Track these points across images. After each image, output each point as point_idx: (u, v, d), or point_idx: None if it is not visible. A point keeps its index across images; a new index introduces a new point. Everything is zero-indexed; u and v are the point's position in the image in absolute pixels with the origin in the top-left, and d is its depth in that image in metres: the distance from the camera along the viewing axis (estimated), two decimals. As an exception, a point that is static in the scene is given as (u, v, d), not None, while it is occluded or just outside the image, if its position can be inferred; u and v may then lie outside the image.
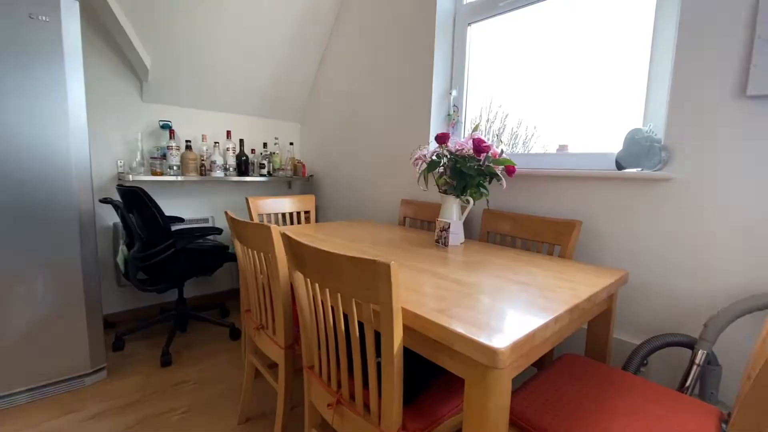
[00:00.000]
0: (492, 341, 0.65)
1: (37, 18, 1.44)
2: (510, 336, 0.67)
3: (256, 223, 1.12)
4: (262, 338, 1.30)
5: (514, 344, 0.66)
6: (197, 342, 2.13)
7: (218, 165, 2.38)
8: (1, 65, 1.39)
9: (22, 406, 1.55)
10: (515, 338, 0.67)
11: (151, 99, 2.32)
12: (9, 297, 1.48)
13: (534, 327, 0.72)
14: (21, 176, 1.46)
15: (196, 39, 2.19)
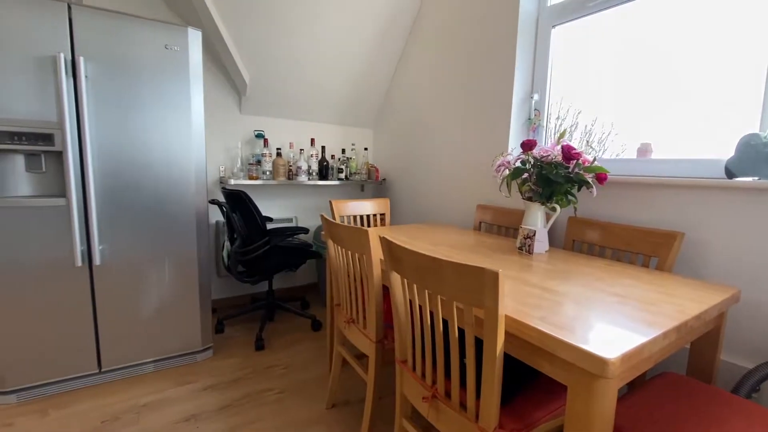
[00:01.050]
0: (601, 351, 0.67)
1: (171, 48, 1.71)
2: (620, 347, 0.68)
3: (353, 226, 1.23)
4: (352, 331, 1.42)
5: (624, 355, 0.67)
6: (283, 330, 2.35)
7: (303, 170, 2.59)
8: (144, 86, 1.67)
9: (148, 374, 1.84)
10: (625, 350, 0.68)
11: (248, 111, 2.60)
12: (144, 282, 1.78)
13: (644, 340, 0.72)
14: (156, 180, 1.74)
15: (286, 56, 2.41)
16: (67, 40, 1.51)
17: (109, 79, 1.60)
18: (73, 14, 1.51)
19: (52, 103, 1.51)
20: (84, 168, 1.58)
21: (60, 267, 1.59)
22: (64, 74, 1.49)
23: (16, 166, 1.56)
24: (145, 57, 1.66)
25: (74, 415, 1.53)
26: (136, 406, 1.59)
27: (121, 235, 1.70)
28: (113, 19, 1.58)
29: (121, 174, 1.67)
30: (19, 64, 1.45)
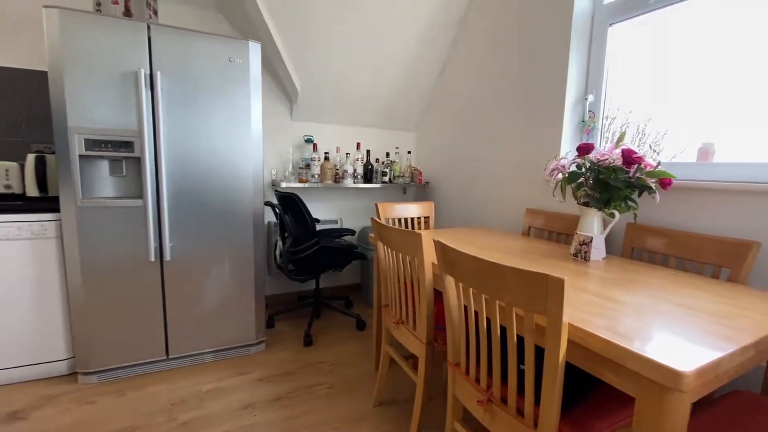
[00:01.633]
0: (675, 363, 0.65)
1: (234, 60, 1.83)
2: (695, 360, 0.66)
3: (405, 230, 1.26)
4: (401, 332, 1.45)
5: (700, 369, 0.64)
6: (329, 328, 2.43)
7: (349, 173, 2.66)
8: (209, 97, 1.81)
9: (208, 363, 1.98)
10: (702, 363, 0.65)
11: (298, 117, 2.72)
12: (206, 277, 1.91)
13: (721, 355, 0.69)
14: (218, 183, 1.88)
15: (334, 64, 2.49)
16: (146, 56, 1.67)
17: (180, 90, 1.75)
18: (152, 33, 1.67)
19: (133, 113, 1.68)
20: (158, 172, 1.73)
21: (136, 261, 1.76)
22: (144, 87, 1.66)
23: (102, 170, 1.74)
24: (211, 69, 1.79)
25: (147, 396, 1.68)
26: (200, 392, 1.72)
27: (187, 233, 1.84)
28: (185, 36, 1.73)
29: (189, 178, 1.81)
30: (107, 80, 1.62)
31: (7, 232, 1.64)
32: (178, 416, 1.55)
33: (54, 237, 1.71)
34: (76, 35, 1.56)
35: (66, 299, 1.77)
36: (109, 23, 1.61)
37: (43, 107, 2.12)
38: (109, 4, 1.74)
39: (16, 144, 2.09)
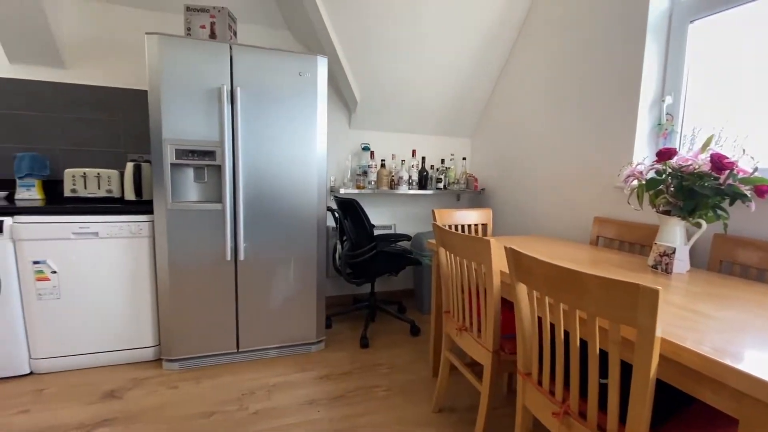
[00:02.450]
0: (792, 386, 0.60)
1: (304, 75, 1.96)
2: (817, 385, 0.60)
3: (472, 236, 1.27)
4: (464, 339, 1.44)
5: (824, 395, 0.59)
6: (383, 332, 2.47)
7: (404, 180, 2.71)
8: (280, 109, 1.94)
9: (271, 359, 2.10)
10: (826, 388, 0.60)
11: (356, 126, 2.82)
12: (274, 277, 2.04)
13: None
14: (287, 189, 2.00)
15: (393, 74, 2.56)
16: (228, 73, 1.84)
17: (255, 104, 1.90)
18: (233, 52, 1.84)
19: (215, 126, 1.85)
20: (235, 179, 1.89)
21: (214, 260, 1.92)
22: (225, 102, 1.82)
23: (187, 177, 1.93)
24: (283, 83, 1.93)
25: (220, 386, 1.82)
26: (267, 385, 1.83)
27: (259, 235, 1.98)
28: (261, 53, 1.88)
29: (261, 184, 1.95)
30: (194, 95, 1.81)
31: (111, 231, 1.87)
32: (249, 406, 1.66)
33: (147, 236, 1.92)
34: (171, 57, 1.76)
35: (155, 292, 1.97)
36: (198, 45, 1.79)
37: (139, 121, 2.39)
38: (197, 28, 1.94)
39: (115, 154, 2.38)
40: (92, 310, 1.89)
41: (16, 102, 2.19)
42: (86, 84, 2.29)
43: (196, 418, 1.57)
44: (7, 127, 2.18)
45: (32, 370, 1.87)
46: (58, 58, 2.19)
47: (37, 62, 2.19)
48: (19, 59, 2.16)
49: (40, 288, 1.81)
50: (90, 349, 1.92)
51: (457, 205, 3.16)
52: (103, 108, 2.34)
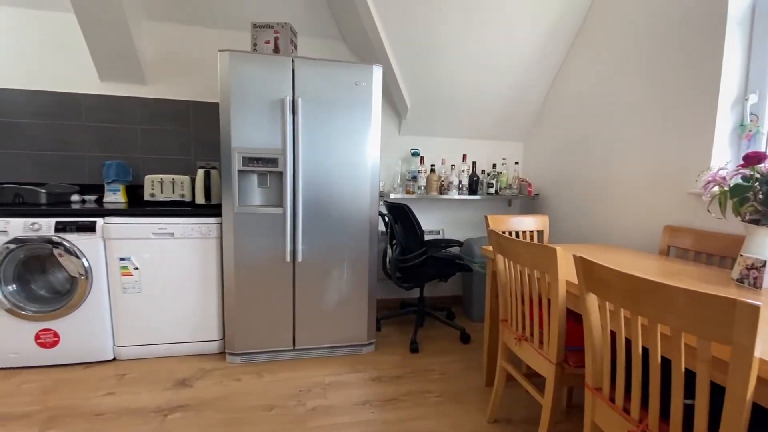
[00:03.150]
0: None
1: (360, 84, 2.02)
2: None
3: (536, 243, 1.24)
4: (524, 349, 1.41)
5: None
6: (433, 337, 2.46)
7: (454, 185, 2.69)
8: (336, 117, 2.01)
9: (325, 358, 2.17)
10: None
11: (406, 132, 2.85)
12: (328, 278, 2.11)
13: None
14: (342, 194, 2.07)
15: (445, 80, 2.56)
16: (290, 85, 1.95)
17: (314, 113, 1.99)
18: (295, 65, 1.94)
19: (278, 134, 1.96)
20: (295, 184, 1.99)
21: (274, 261, 2.03)
22: (288, 112, 1.93)
23: (252, 183, 2.06)
24: (340, 92, 2.00)
25: (279, 380, 1.91)
26: (322, 383, 1.90)
27: (315, 238, 2.06)
28: (320, 65, 1.97)
29: (318, 189, 2.04)
30: (259, 106, 1.93)
31: (184, 232, 2.04)
32: (306, 402, 1.73)
33: (215, 237, 2.07)
34: (239, 72, 1.89)
35: (221, 289, 2.12)
36: (263, 60, 1.92)
37: (206, 131, 2.59)
38: (262, 44, 2.07)
39: (186, 161, 2.59)
40: (167, 304, 2.07)
41: (105, 116, 2.46)
42: (163, 98, 2.53)
43: (258, 410, 1.67)
44: (98, 138, 2.46)
45: (115, 357, 2.08)
46: (141, 75, 2.44)
47: (123, 80, 2.45)
48: (108, 78, 2.43)
49: (124, 282, 2.01)
50: (163, 339, 2.10)
51: (508, 211, 3.09)
52: (177, 119, 2.56)
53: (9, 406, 1.66)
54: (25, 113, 2.36)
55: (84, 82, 2.42)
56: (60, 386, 1.81)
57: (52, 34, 2.35)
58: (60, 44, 2.36)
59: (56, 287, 2.06)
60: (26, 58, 2.34)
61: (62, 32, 2.35)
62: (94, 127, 2.45)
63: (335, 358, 2.16)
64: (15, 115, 2.35)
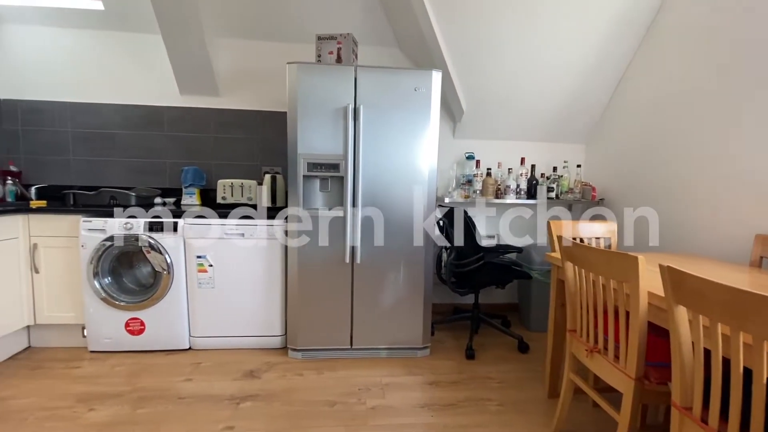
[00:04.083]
0: None
1: (419, 90, 2.05)
2: None
3: (615, 252, 1.18)
4: (597, 362, 1.35)
5: None
6: (488, 345, 2.41)
7: (511, 189, 2.63)
8: (395, 123, 2.05)
9: (381, 359, 2.20)
10: None
11: (461, 135, 2.83)
12: (385, 280, 2.15)
13: None
14: (399, 197, 2.10)
15: (503, 83, 2.52)
16: (352, 93, 2.02)
17: (375, 119, 2.04)
18: (358, 73, 2.01)
19: (340, 141, 2.04)
20: (355, 189, 2.06)
21: (334, 262, 2.11)
22: (351, 119, 2.00)
23: (314, 187, 2.16)
24: (399, 98, 2.04)
25: (339, 378, 1.98)
26: (380, 383, 1.93)
27: (373, 241, 2.11)
28: (381, 72, 2.02)
29: (377, 193, 2.09)
30: (323, 114, 2.02)
31: (253, 233, 2.18)
32: (366, 401, 1.78)
33: (280, 238, 2.19)
34: (305, 82, 2.00)
35: (284, 288, 2.24)
36: (327, 70, 2.01)
37: (270, 138, 2.76)
38: (326, 55, 2.17)
39: (252, 167, 2.77)
40: (236, 299, 2.22)
41: (183, 126, 2.70)
42: (233, 108, 2.73)
43: (321, 405, 1.74)
44: (177, 146, 2.71)
45: (191, 346, 2.26)
46: (215, 88, 2.65)
47: (199, 93, 2.67)
48: (187, 91, 2.66)
49: (200, 278, 2.19)
50: (232, 332, 2.25)
51: (568, 216, 2.95)
52: (244, 128, 2.75)
53: (105, 385, 1.87)
54: (117, 125, 2.66)
55: (166, 96, 2.67)
56: (146, 370, 2.01)
57: (140, 53, 2.63)
58: (147, 63, 2.63)
59: (141, 281, 2.29)
60: (119, 76, 2.63)
61: (149, 52, 2.63)
62: (174, 136, 2.70)
63: (391, 359, 2.20)
64: (109, 127, 2.66)
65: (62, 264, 2.16)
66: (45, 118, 2.61)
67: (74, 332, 2.25)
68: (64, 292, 2.18)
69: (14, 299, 2.08)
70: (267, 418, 1.63)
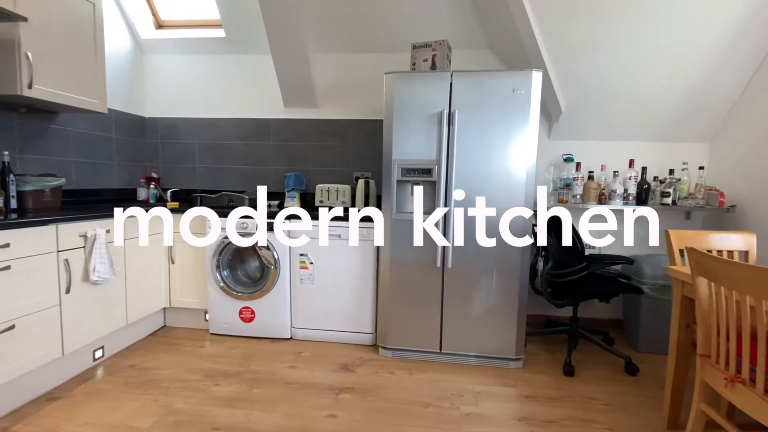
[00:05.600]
0: None
1: (517, 92, 1.99)
2: None
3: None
4: (740, 394, 1.17)
5: None
6: (589, 363, 2.23)
7: (618, 193, 2.40)
8: (491, 126, 2.02)
9: (470, 366, 2.17)
10: None
11: (557, 136, 2.67)
12: (477, 286, 2.12)
13: None
14: (494, 201, 2.06)
15: (609, 78, 2.32)
16: (447, 98, 2.04)
17: (469, 124, 2.03)
18: (453, 79, 2.03)
19: (433, 146, 2.07)
20: (448, 193, 2.07)
21: (425, 265, 2.14)
22: (445, 124, 2.02)
23: (407, 191, 2.22)
24: (496, 101, 2.01)
25: (429, 380, 2.00)
26: (472, 390, 1.91)
27: (465, 245, 2.10)
28: (477, 76, 2.01)
29: (470, 197, 2.07)
30: (416, 121, 2.07)
31: (348, 234, 2.31)
32: (460, 407, 1.77)
33: (373, 240, 2.29)
34: (401, 90, 2.07)
35: (375, 287, 2.33)
36: (422, 77, 2.05)
37: (362, 145, 2.90)
38: (420, 62, 2.23)
39: (344, 172, 2.94)
40: (332, 295, 2.38)
41: (286, 135, 2.98)
42: (328, 118, 2.93)
43: (415, 405, 1.77)
44: (282, 154, 2.99)
45: (291, 336, 2.48)
46: (314, 100, 2.87)
47: (301, 105, 2.92)
48: (290, 104, 2.93)
49: (302, 274, 2.39)
50: (327, 326, 2.41)
51: (685, 225, 2.60)
52: (338, 135, 2.93)
53: (225, 365, 2.13)
54: (233, 136, 3.03)
55: (272, 109, 2.97)
56: (256, 354, 2.25)
57: (253, 72, 2.97)
58: (258, 80, 2.96)
59: (250, 274, 2.57)
60: (235, 93, 3.00)
61: (259, 70, 2.95)
62: (278, 145, 2.99)
63: (481, 367, 2.15)
64: (227, 138, 3.04)
65: (191, 256, 2.53)
66: (178, 132, 3.09)
67: (198, 316, 2.61)
68: (192, 281, 2.54)
69: (158, 285, 2.49)
70: (365, 412, 1.71)
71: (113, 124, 2.79)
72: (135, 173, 3.00)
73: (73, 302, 1.86)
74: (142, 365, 2.09)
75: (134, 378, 1.96)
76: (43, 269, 1.71)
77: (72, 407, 1.70)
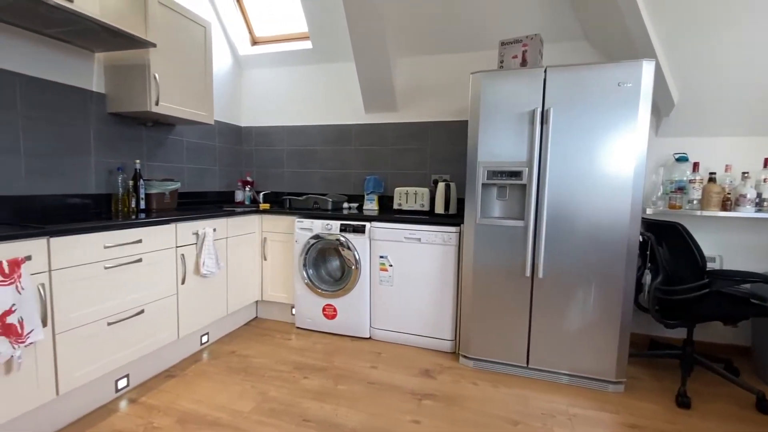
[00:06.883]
0: None
1: (623, 85, 1.79)
2: None
3: None
4: None
5: None
6: (707, 395, 1.92)
7: (747, 198, 2.04)
8: (592, 124, 1.84)
9: (561, 384, 2.00)
10: None
11: (666, 133, 2.35)
12: (571, 299, 1.95)
13: None
14: (596, 208, 1.87)
15: (737, 58, 1.98)
16: (540, 96, 1.91)
17: (566, 122, 1.88)
18: (547, 74, 1.89)
19: (524, 147, 1.95)
20: (539, 197, 1.93)
21: (512, 274, 2.03)
22: (537, 123, 1.90)
23: (491, 194, 2.13)
24: (597, 97, 1.82)
25: (516, 396, 1.89)
26: (566, 412, 1.76)
27: (559, 254, 1.95)
28: (575, 71, 1.85)
29: (565, 202, 1.91)
30: (505, 121, 1.97)
31: (429, 238, 2.29)
32: (553, 428, 1.64)
33: (454, 245, 2.24)
34: (488, 90, 1.99)
35: (456, 293, 2.27)
36: (511, 75, 1.95)
37: (440, 147, 2.86)
38: (509, 59, 2.12)
39: (422, 175, 2.93)
40: (411, 298, 2.37)
41: (367, 140, 3.05)
42: (407, 122, 2.94)
43: (502, 421, 1.68)
44: (362, 158, 3.08)
45: (370, 336, 2.52)
46: (394, 104, 2.90)
47: (381, 110, 2.98)
48: (371, 109, 3.00)
49: (381, 276, 2.42)
50: (406, 329, 2.41)
51: (844, 238, 2.12)
52: (416, 138, 2.92)
53: (311, 359, 2.24)
54: (318, 142, 3.19)
55: (354, 114, 3.07)
56: (338, 351, 2.34)
57: (336, 80, 3.09)
58: (341, 87, 3.08)
59: (332, 273, 2.67)
60: (321, 100, 3.16)
61: (342, 78, 3.07)
62: (358, 149, 3.08)
63: (573, 387, 1.98)
64: (313, 144, 3.21)
65: (281, 254, 2.71)
66: (269, 139, 3.34)
67: (286, 310, 2.79)
68: (281, 277, 2.73)
69: (252, 279, 2.72)
70: (450, 422, 1.67)
71: (216, 133, 3.12)
72: (233, 177, 3.32)
73: (187, 292, 2.11)
74: (240, 352, 2.30)
75: (235, 364, 2.15)
76: (165, 262, 1.96)
77: (187, 385, 1.92)
